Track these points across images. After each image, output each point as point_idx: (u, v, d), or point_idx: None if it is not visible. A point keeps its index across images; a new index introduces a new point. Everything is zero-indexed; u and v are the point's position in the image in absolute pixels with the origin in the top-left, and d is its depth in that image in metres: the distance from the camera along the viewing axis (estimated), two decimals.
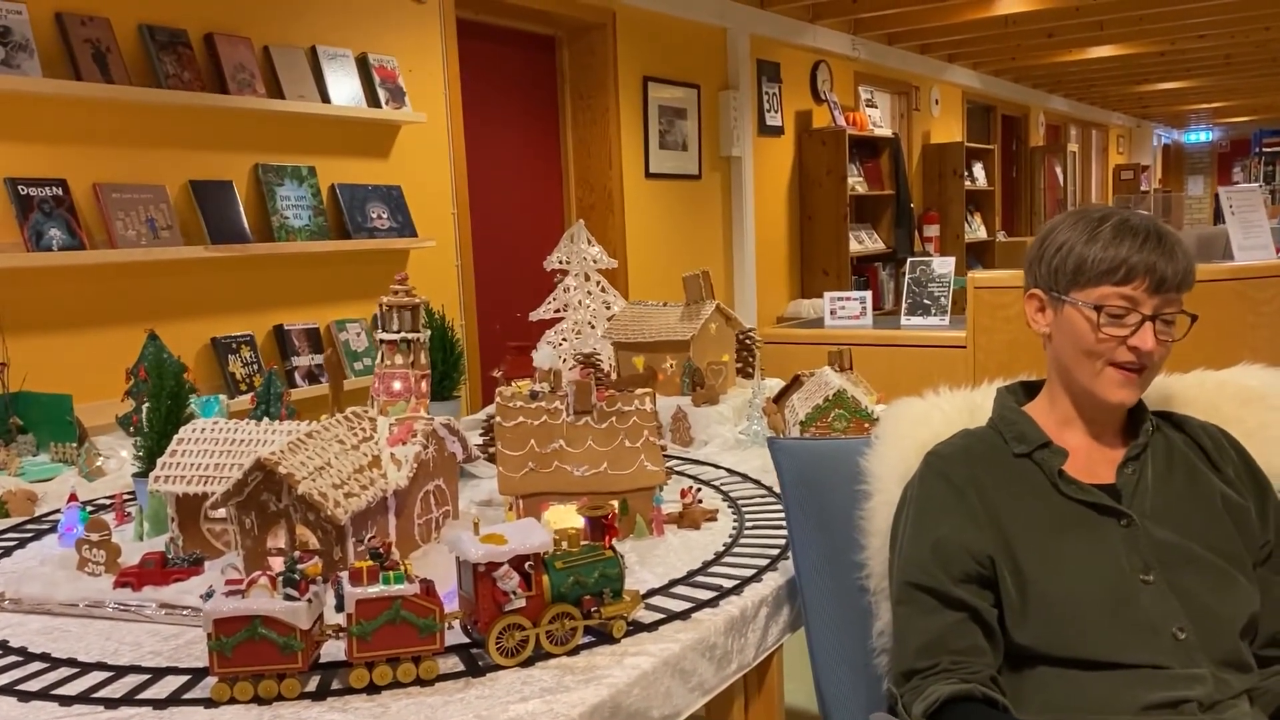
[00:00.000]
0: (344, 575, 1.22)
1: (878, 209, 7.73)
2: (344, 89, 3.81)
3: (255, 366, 3.54)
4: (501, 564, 1.23)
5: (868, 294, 5.21)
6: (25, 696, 1.22)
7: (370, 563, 1.21)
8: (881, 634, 1.44)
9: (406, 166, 4.12)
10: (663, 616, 1.38)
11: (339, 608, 1.21)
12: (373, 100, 3.92)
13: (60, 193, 2.99)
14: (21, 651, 1.35)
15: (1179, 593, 1.30)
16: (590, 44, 5.19)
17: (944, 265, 5.05)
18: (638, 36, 5.36)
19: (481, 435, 2.15)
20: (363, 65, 3.91)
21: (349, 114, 3.81)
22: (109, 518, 1.96)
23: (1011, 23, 7.20)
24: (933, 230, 8.67)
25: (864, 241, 7.49)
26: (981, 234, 9.39)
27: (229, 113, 3.44)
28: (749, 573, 1.53)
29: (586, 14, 5.07)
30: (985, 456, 1.41)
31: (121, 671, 1.28)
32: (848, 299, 5.25)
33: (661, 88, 5.56)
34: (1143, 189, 14.44)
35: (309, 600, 1.19)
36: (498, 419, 1.76)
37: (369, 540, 1.34)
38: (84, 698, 1.21)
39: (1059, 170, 11.67)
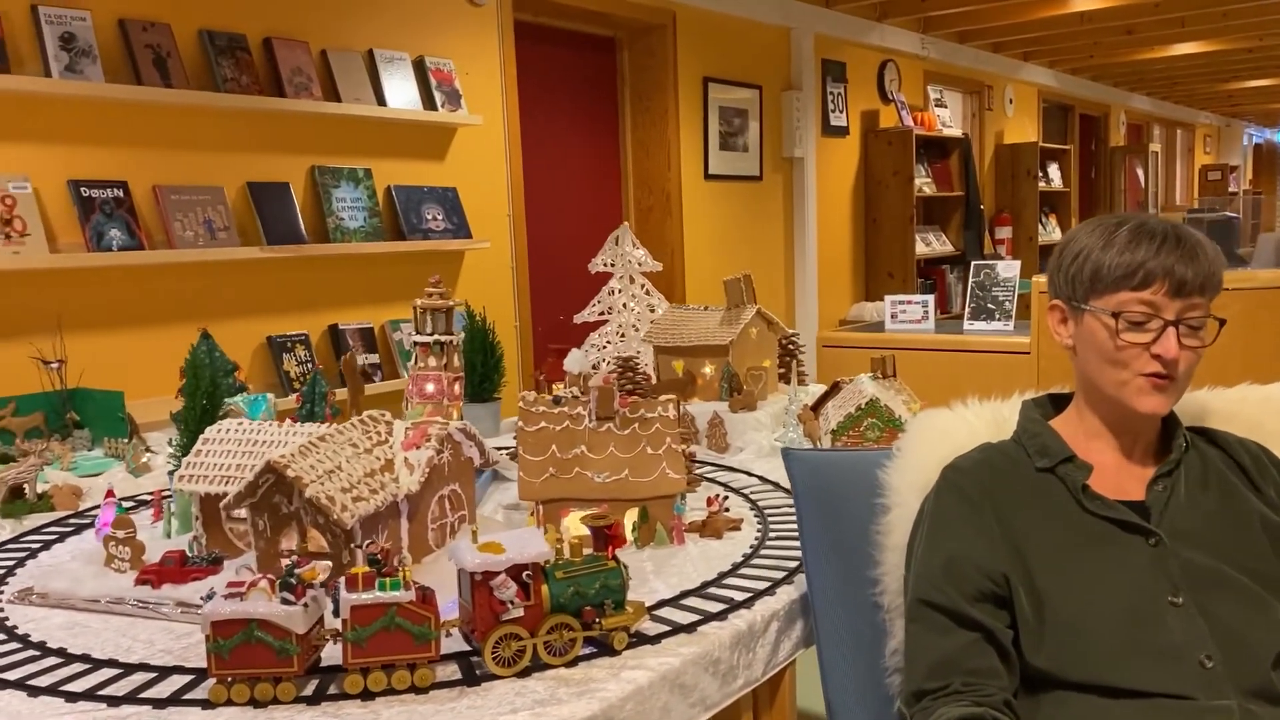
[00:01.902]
0: (341, 581, 1.22)
1: (946, 211, 7.58)
2: (400, 92, 3.85)
3: (310, 365, 3.59)
4: (498, 573, 1.22)
5: (930, 298, 5.10)
6: (34, 691, 1.24)
7: (367, 569, 1.21)
8: (895, 653, 1.39)
9: (462, 168, 4.15)
10: (667, 629, 1.35)
11: (337, 613, 1.21)
12: (429, 103, 3.95)
13: (121, 194, 3.08)
14: (40, 646, 1.38)
15: (1209, 618, 1.24)
16: (650, 45, 5.18)
17: (1009, 269, 4.93)
18: (698, 37, 5.33)
19: (515, 438, 2.14)
20: (419, 68, 3.95)
21: (405, 117, 3.85)
22: (147, 514, 2.00)
23: (1088, 19, 7.00)
24: (1005, 232, 8.48)
25: (931, 244, 7.35)
26: (1057, 236, 9.15)
27: (286, 116, 3.51)
28: (763, 586, 1.50)
29: (646, 15, 5.05)
30: (1005, 471, 1.36)
31: (130, 669, 1.29)
32: (909, 302, 5.15)
33: (722, 89, 5.52)
34: (1231, 190, 13.94)
35: (305, 605, 1.19)
36: (520, 423, 1.75)
37: (367, 546, 1.34)
38: (89, 694, 1.23)
39: (1140, 171, 11.33)
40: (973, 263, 5.08)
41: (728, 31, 5.55)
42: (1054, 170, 9.17)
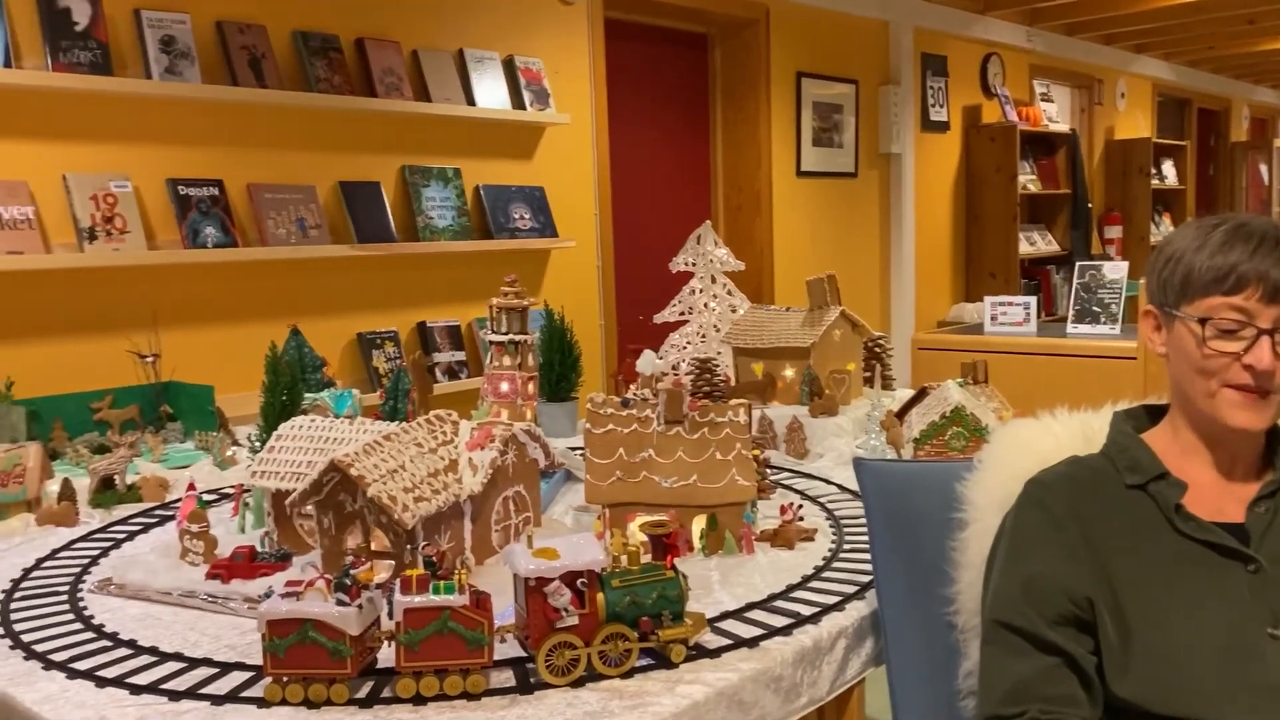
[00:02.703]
0: (396, 583, 1.21)
1: (1052, 209, 7.33)
2: (490, 92, 3.87)
3: (398, 361, 3.64)
4: (552, 579, 1.19)
5: (1032, 299, 4.92)
6: (102, 682, 1.26)
7: (421, 571, 1.20)
8: (969, 675, 1.32)
9: (550, 168, 4.16)
10: (729, 643, 1.31)
11: (391, 615, 1.20)
12: (518, 102, 3.96)
13: (216, 193, 3.15)
14: (113, 637, 1.40)
15: None
16: (743, 41, 5.11)
17: (1115, 270, 4.71)
18: (792, 32, 5.24)
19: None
20: (509, 68, 3.97)
21: (494, 116, 3.87)
22: (228, 507, 2.04)
23: (1205, 9, 6.66)
24: (1114, 232, 8.16)
25: (1036, 243, 7.11)
26: None
27: (377, 116, 3.55)
28: (833, 600, 1.44)
29: (740, 10, 4.99)
30: (1093, 486, 1.28)
31: (194, 664, 1.30)
32: (1010, 304, 4.98)
33: (817, 84, 5.42)
34: None
35: (359, 606, 1.18)
36: (587, 425, 1.72)
37: (424, 548, 1.33)
38: (152, 688, 1.24)
39: (1264, 167, 10.78)
40: (1077, 263, 4.88)
41: (823, 26, 5.44)
42: (1168, 167, 8.78)
